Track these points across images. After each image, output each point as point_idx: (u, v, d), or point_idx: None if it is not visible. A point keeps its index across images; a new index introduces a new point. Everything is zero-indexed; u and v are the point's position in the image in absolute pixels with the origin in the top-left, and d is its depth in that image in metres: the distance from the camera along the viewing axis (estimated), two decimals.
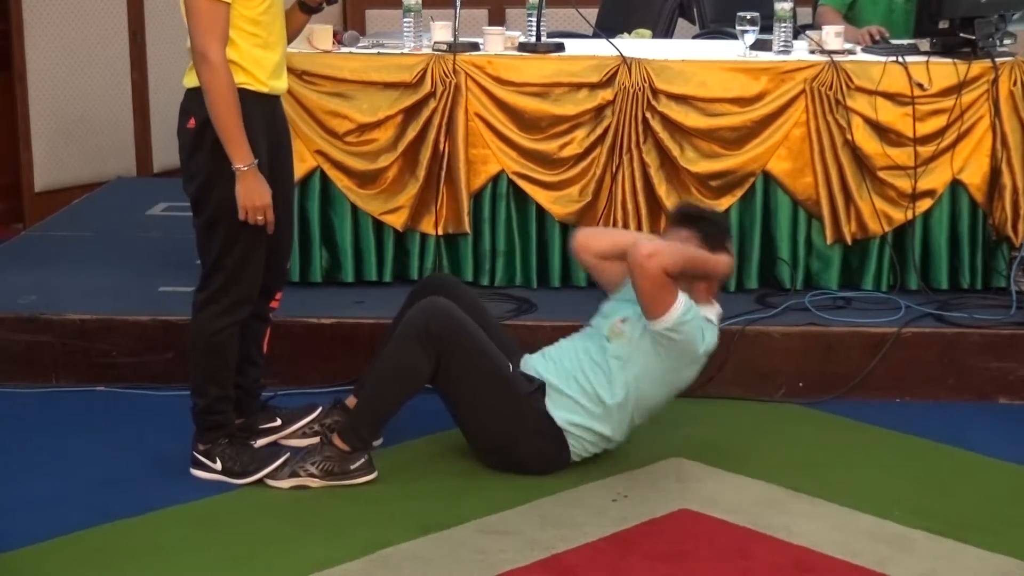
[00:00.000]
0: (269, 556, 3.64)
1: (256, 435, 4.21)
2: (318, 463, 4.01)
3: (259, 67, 3.88)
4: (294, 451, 4.11)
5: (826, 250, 5.16)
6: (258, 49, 3.87)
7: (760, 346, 4.77)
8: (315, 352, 4.83)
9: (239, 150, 3.79)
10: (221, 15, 3.75)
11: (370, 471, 4.03)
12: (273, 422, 4.31)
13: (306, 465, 4.02)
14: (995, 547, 3.71)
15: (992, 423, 4.60)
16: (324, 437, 4.10)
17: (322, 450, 4.03)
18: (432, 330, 3.96)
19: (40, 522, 3.81)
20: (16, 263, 5.62)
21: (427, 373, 3.99)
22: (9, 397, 4.72)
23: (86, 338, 4.83)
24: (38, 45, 6.96)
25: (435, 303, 4.04)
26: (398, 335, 4.02)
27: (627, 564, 3.62)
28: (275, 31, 3.93)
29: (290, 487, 4.00)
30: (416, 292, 4.28)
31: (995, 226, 5.11)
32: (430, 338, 3.95)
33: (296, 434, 4.30)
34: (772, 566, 3.62)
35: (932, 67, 5.04)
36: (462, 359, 3.99)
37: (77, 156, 7.09)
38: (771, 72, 5.06)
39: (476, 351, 4.02)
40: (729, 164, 5.08)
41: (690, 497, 3.99)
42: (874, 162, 5.07)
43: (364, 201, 5.15)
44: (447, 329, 3.98)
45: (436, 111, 5.06)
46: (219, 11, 3.75)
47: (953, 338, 4.79)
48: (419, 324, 3.98)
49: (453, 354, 3.97)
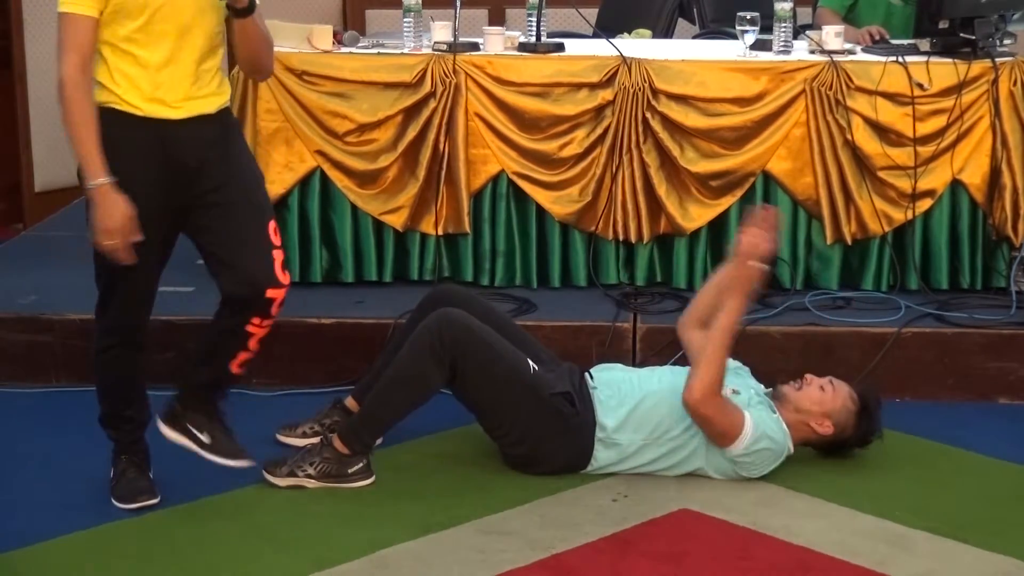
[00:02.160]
0: (269, 556, 3.64)
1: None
2: (316, 464, 4.00)
3: (131, 87, 3.60)
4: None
5: (826, 250, 5.16)
6: (133, 67, 3.59)
7: (760, 346, 4.77)
8: (315, 352, 4.83)
9: (87, 167, 3.58)
10: (80, 28, 3.51)
11: (368, 475, 4.03)
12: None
13: (304, 466, 4.01)
14: (995, 547, 3.71)
15: (992, 423, 4.60)
16: (324, 438, 4.10)
17: (321, 451, 4.03)
18: (445, 339, 3.95)
19: (40, 522, 3.81)
20: (16, 263, 5.62)
21: (437, 383, 3.98)
22: (9, 397, 4.72)
23: (86, 338, 4.79)
24: (38, 45, 6.96)
25: (449, 313, 4.03)
26: (411, 344, 4.01)
27: (627, 564, 3.62)
28: (160, 50, 3.59)
29: (286, 486, 4.00)
30: (426, 303, 4.25)
31: (995, 226, 5.11)
32: (443, 346, 3.94)
33: (296, 434, 4.30)
34: (772, 566, 3.62)
35: (932, 67, 5.04)
36: (478, 365, 3.98)
37: None
38: (771, 72, 5.06)
39: (492, 356, 4.00)
40: (729, 164, 5.08)
41: (690, 497, 3.99)
42: (874, 162, 5.07)
43: (364, 201, 5.15)
44: (461, 337, 3.97)
45: (436, 111, 5.06)
46: (78, 24, 3.51)
47: (953, 338, 4.79)
48: (432, 332, 3.97)
49: (468, 361, 3.96)
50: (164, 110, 3.63)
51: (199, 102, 3.68)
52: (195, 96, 3.67)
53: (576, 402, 4.06)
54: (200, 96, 3.68)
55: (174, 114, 3.64)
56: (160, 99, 3.63)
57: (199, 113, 3.68)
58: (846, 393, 4.14)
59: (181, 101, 3.65)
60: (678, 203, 5.11)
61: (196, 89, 3.67)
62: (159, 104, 3.63)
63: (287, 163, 5.12)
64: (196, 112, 3.67)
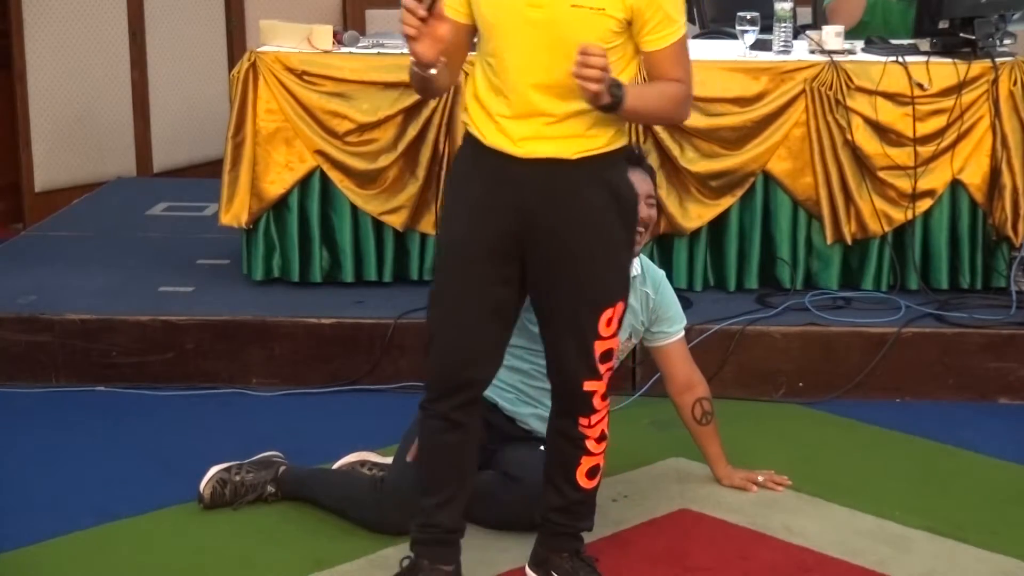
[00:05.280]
0: (269, 556, 3.64)
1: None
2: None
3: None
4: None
5: (826, 250, 5.16)
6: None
7: (760, 346, 4.77)
8: (315, 352, 4.83)
9: None
10: None
11: None
12: None
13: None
14: (995, 547, 3.71)
15: (992, 423, 4.60)
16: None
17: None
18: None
19: (40, 522, 3.81)
20: (16, 263, 5.62)
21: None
22: (9, 397, 4.72)
23: (86, 338, 4.83)
24: (38, 45, 6.96)
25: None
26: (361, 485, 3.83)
27: (627, 564, 3.61)
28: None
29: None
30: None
31: (995, 226, 5.11)
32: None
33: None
34: (772, 566, 3.62)
35: (932, 67, 5.04)
36: None
37: (77, 156, 7.08)
38: (771, 72, 5.06)
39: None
40: (729, 164, 5.08)
41: (690, 497, 3.99)
42: (874, 162, 5.07)
43: (364, 201, 5.15)
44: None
45: (436, 111, 5.05)
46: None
47: (953, 338, 4.79)
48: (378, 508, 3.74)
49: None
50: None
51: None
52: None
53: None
54: None
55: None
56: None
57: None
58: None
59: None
60: (678, 203, 5.11)
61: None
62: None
63: (287, 163, 5.12)
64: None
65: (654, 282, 3.96)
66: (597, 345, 3.25)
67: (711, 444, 4.04)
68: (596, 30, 3.08)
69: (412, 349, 4.74)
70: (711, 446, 4.04)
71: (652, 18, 3.13)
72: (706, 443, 4.04)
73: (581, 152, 3.15)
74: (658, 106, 3.21)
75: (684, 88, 3.22)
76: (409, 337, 4.76)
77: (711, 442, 4.03)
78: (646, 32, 3.14)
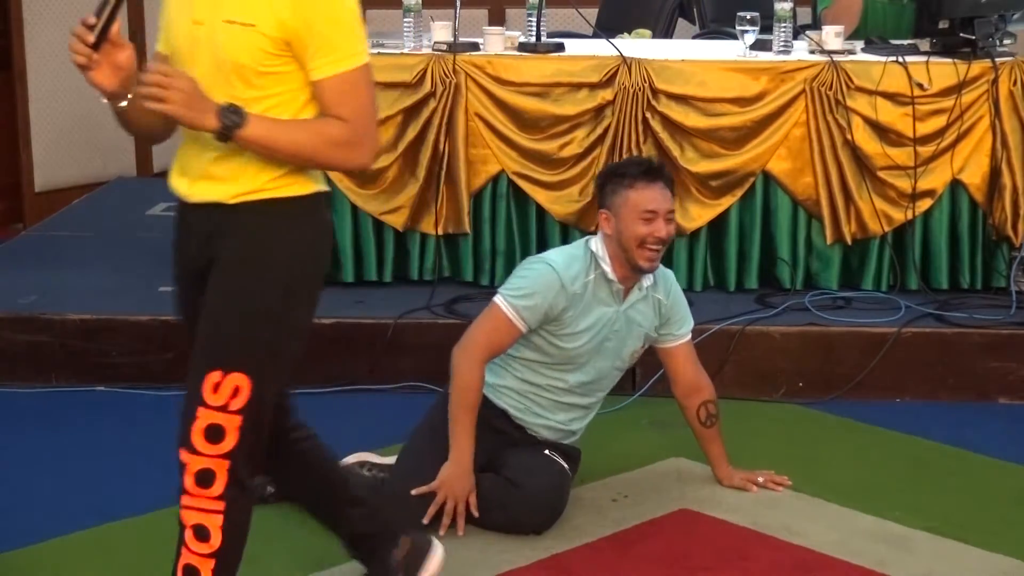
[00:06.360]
0: (269, 556, 3.64)
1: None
2: None
3: None
4: None
5: (826, 250, 5.16)
6: None
7: (760, 346, 4.77)
8: (315, 352, 4.81)
9: None
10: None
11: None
12: None
13: None
14: (995, 547, 3.71)
15: (992, 423, 4.60)
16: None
17: None
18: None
19: (40, 522, 3.81)
20: (16, 263, 5.62)
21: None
22: (9, 397, 4.72)
23: (86, 338, 4.83)
24: (38, 45, 6.96)
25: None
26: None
27: (627, 564, 3.62)
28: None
29: None
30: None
31: (995, 226, 5.11)
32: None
33: None
34: (772, 566, 3.62)
35: (932, 67, 5.04)
36: None
37: (77, 156, 7.08)
38: (771, 72, 5.06)
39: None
40: (729, 164, 5.08)
41: (690, 497, 3.99)
42: (874, 162, 5.07)
43: (364, 201, 5.15)
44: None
45: (436, 111, 5.05)
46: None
47: (953, 338, 4.79)
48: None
49: None
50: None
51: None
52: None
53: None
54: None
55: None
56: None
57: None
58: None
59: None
60: (678, 203, 5.09)
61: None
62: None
63: None
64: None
65: (666, 286, 3.97)
66: (200, 412, 2.91)
67: (714, 445, 4.04)
68: (247, 49, 2.73)
69: (412, 349, 4.74)
70: (714, 447, 4.05)
71: (311, 43, 2.77)
72: (709, 444, 4.04)
73: (240, 196, 2.84)
74: (297, 140, 2.75)
75: (347, 129, 2.77)
76: (409, 337, 4.76)
77: (714, 443, 4.04)
78: (307, 58, 2.76)
